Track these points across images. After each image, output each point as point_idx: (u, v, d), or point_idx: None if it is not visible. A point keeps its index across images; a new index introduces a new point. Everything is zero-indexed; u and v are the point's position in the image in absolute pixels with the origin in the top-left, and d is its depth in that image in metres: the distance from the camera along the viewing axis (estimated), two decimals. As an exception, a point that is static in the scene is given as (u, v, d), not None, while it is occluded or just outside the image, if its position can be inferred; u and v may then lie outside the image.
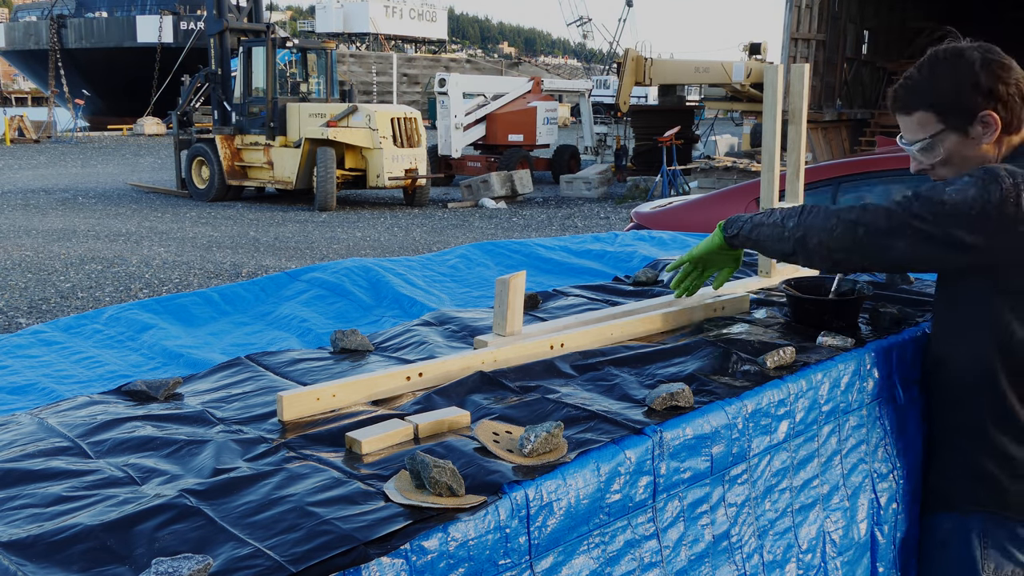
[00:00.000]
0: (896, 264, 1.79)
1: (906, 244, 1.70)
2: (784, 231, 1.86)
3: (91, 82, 42.25)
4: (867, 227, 1.73)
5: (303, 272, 2.67)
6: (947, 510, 1.93)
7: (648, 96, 34.42)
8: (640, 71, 21.20)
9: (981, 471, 1.85)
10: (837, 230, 1.76)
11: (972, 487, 1.87)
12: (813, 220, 1.81)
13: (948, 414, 1.93)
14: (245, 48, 17.10)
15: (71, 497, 1.27)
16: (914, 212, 1.68)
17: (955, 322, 1.85)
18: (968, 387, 1.85)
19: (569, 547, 1.31)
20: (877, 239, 1.72)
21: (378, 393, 1.64)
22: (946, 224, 1.66)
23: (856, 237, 1.74)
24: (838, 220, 1.76)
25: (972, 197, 1.64)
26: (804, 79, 2.37)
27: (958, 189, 1.67)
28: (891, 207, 1.72)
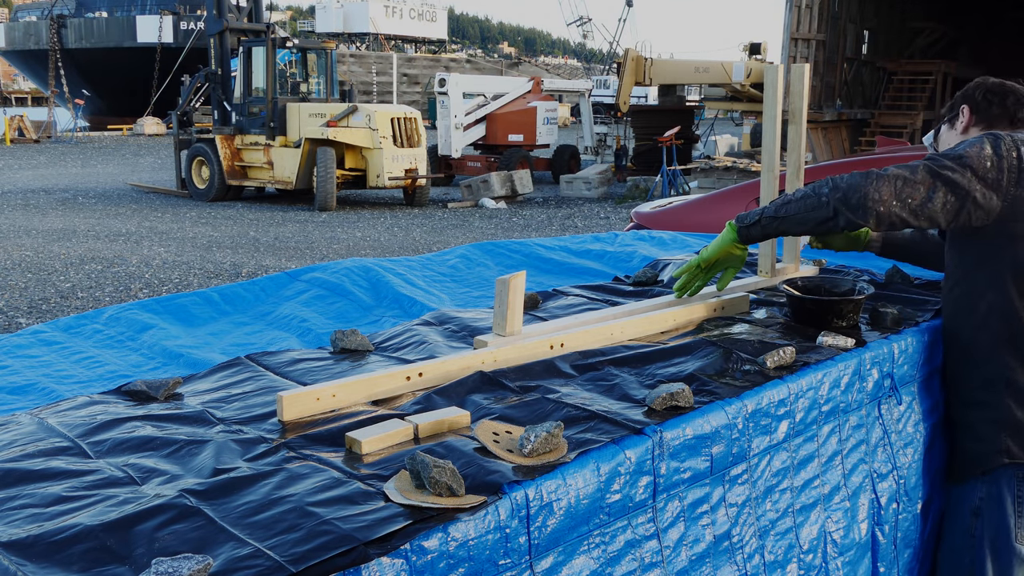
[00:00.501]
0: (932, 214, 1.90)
1: (942, 193, 1.89)
2: (819, 198, 1.97)
3: (91, 82, 42.24)
4: (905, 180, 1.89)
5: (303, 272, 2.67)
6: (980, 473, 2.01)
7: (648, 96, 34.41)
8: (640, 71, 21.19)
9: (1013, 421, 1.97)
10: (879, 183, 1.90)
11: (1004, 440, 1.97)
12: (852, 180, 1.94)
13: (972, 373, 2.04)
14: (245, 48, 17.09)
15: (71, 497, 1.27)
16: (942, 164, 1.90)
17: (980, 278, 2.00)
18: (995, 340, 1.98)
19: (569, 547, 1.31)
20: (915, 189, 1.89)
21: (378, 393, 1.64)
22: (970, 172, 1.89)
23: (896, 189, 1.88)
24: (878, 176, 1.90)
25: (983, 149, 1.90)
26: (804, 79, 2.37)
27: (969, 144, 1.93)
28: (918, 164, 1.92)
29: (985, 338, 2.01)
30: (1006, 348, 1.98)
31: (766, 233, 2.09)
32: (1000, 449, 1.99)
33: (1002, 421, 1.99)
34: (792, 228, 2.05)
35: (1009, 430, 1.98)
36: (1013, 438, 1.98)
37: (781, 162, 2.49)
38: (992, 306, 1.99)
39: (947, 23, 20.84)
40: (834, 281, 2.21)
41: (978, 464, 2.03)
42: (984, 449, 2.02)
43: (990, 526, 1.99)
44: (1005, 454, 1.98)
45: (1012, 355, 1.98)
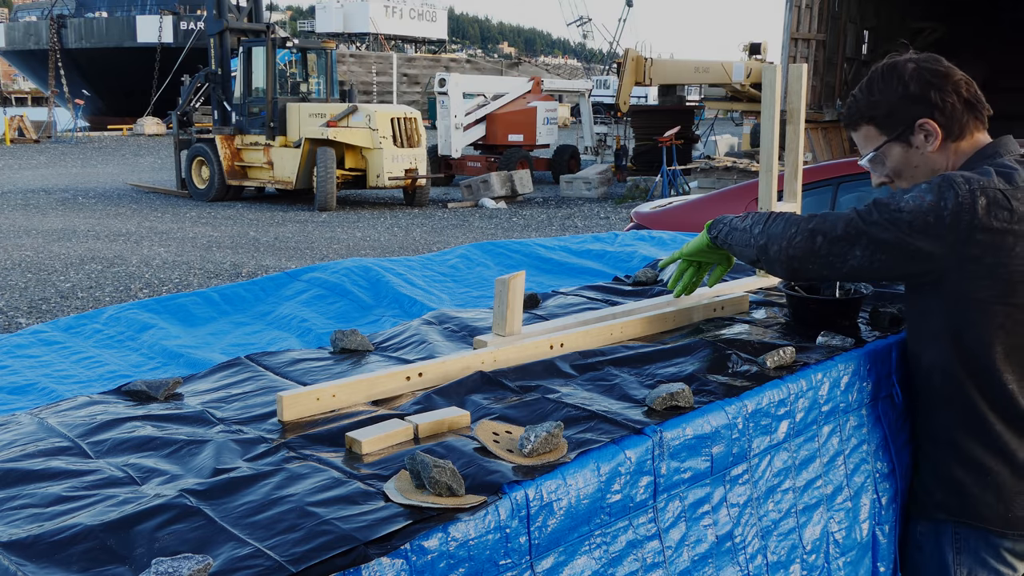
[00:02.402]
0: (854, 273, 1.75)
1: (863, 252, 1.70)
2: (751, 237, 1.87)
3: (91, 82, 42.26)
4: (825, 235, 1.73)
5: (303, 272, 2.67)
6: (922, 516, 1.92)
7: (648, 96, 34.42)
8: (640, 71, 21.19)
9: (951, 479, 1.83)
10: (796, 238, 1.76)
11: (943, 495, 1.86)
12: (775, 228, 1.81)
13: (922, 421, 1.91)
14: (245, 48, 17.10)
15: (71, 497, 1.27)
16: (871, 220, 1.69)
17: (921, 330, 1.84)
18: (937, 394, 1.84)
19: (570, 547, 1.31)
20: (835, 247, 1.72)
21: (378, 393, 1.64)
22: (902, 231, 1.66)
23: (815, 246, 1.74)
24: (797, 228, 1.77)
25: (928, 204, 1.65)
26: (802, 79, 2.37)
27: (914, 196, 1.68)
28: (850, 215, 1.72)
29: (927, 394, 1.87)
30: (947, 407, 1.82)
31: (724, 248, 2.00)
32: (938, 504, 1.87)
33: (941, 476, 1.86)
34: (736, 256, 1.98)
35: (948, 487, 1.85)
36: (952, 495, 1.84)
37: (780, 162, 2.49)
38: (933, 364, 1.82)
39: (947, 23, 20.85)
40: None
41: (921, 510, 1.93)
42: (925, 499, 1.91)
43: (931, 562, 1.90)
44: (943, 510, 1.86)
45: (953, 414, 1.82)
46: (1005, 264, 1.66)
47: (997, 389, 1.75)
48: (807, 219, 1.78)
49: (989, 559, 1.83)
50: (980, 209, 1.63)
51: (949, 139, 1.82)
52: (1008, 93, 21.43)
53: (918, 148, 1.83)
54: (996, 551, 1.82)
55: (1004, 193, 1.66)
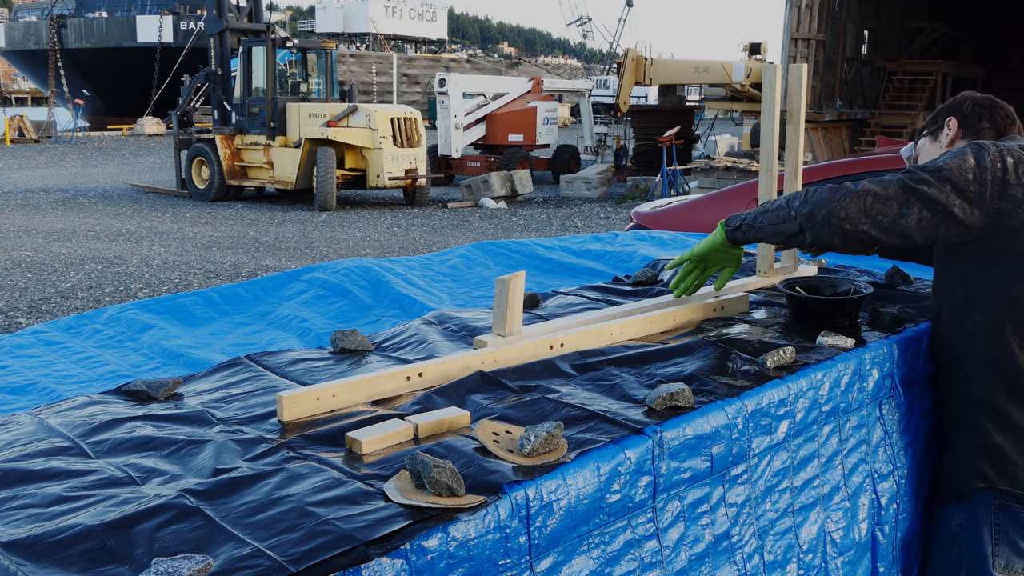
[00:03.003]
0: (904, 232, 1.81)
1: (912, 210, 1.79)
2: (790, 211, 1.90)
3: (91, 82, 42.24)
4: (876, 195, 1.80)
5: (303, 272, 2.67)
6: (958, 499, 1.94)
7: (648, 96, 34.40)
8: (640, 71, 21.18)
9: (991, 446, 1.88)
10: (846, 200, 1.81)
11: (981, 464, 1.90)
12: (819, 195, 1.86)
13: (959, 393, 1.96)
14: (245, 48, 17.09)
15: (71, 497, 1.27)
16: (919, 178, 1.80)
17: (961, 294, 1.91)
18: (979, 359, 1.90)
19: (569, 547, 1.31)
20: (886, 206, 1.79)
21: (378, 393, 1.64)
22: (947, 189, 1.79)
23: (866, 205, 1.79)
24: (846, 192, 1.82)
25: (968, 163, 1.81)
26: (802, 79, 2.37)
27: (951, 156, 1.84)
28: (896, 177, 1.82)
29: (969, 358, 1.93)
30: (989, 370, 1.89)
31: (748, 239, 2.04)
32: (976, 473, 1.90)
33: (980, 444, 1.91)
34: (767, 238, 2.01)
35: (986, 454, 1.89)
36: (990, 463, 1.89)
37: (780, 162, 2.49)
38: (976, 326, 1.90)
39: (947, 23, 20.85)
40: (833, 281, 2.21)
41: (955, 487, 1.96)
42: (961, 472, 1.94)
43: (967, 553, 1.92)
44: (981, 478, 1.90)
45: (995, 377, 1.89)
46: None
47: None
48: (852, 185, 1.83)
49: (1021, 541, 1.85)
50: (1009, 167, 1.81)
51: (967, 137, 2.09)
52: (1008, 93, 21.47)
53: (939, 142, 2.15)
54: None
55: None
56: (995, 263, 1.85)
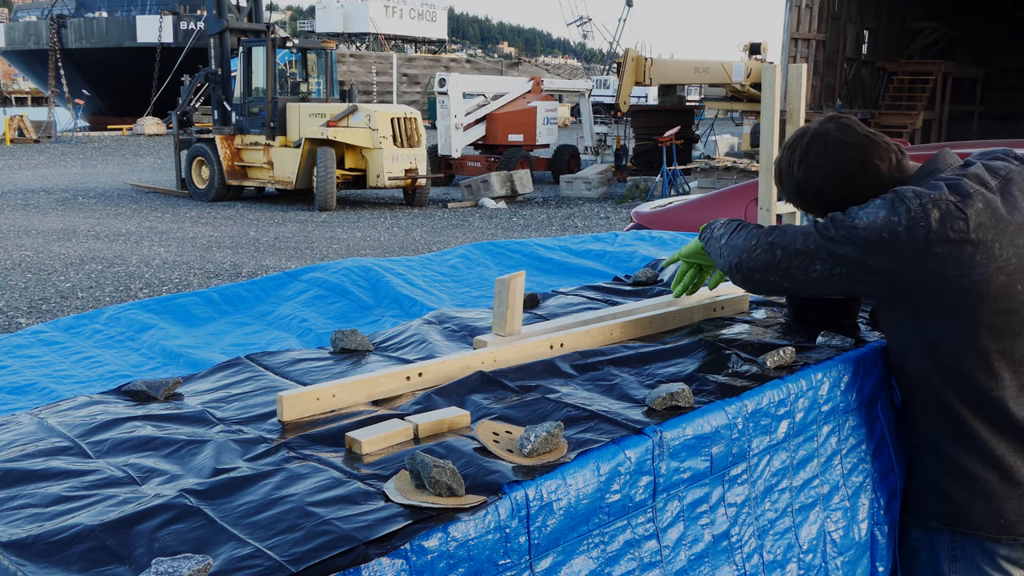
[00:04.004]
0: (816, 286, 1.74)
1: (823, 266, 1.70)
2: (720, 248, 1.87)
3: (91, 82, 42.24)
4: (784, 248, 1.73)
5: (303, 272, 2.67)
6: (916, 524, 1.90)
7: (648, 96, 34.40)
8: (640, 71, 21.18)
9: (941, 489, 1.81)
10: (756, 251, 1.76)
11: (934, 503, 1.84)
12: (737, 239, 1.81)
13: (910, 430, 1.90)
14: (245, 48, 17.09)
15: (71, 497, 1.27)
16: (829, 235, 1.69)
17: (896, 345, 1.84)
18: (920, 406, 1.82)
19: (569, 547, 1.31)
20: (794, 260, 1.72)
21: (378, 393, 1.64)
22: (859, 247, 1.66)
23: (775, 259, 1.74)
24: (758, 241, 1.77)
25: (882, 220, 1.65)
26: (802, 79, 2.38)
27: (868, 212, 1.68)
28: (809, 230, 1.73)
29: (910, 404, 1.87)
30: (930, 418, 1.81)
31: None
32: (929, 512, 1.85)
33: (931, 487, 1.84)
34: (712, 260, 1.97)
35: (938, 497, 1.82)
36: (942, 506, 1.81)
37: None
38: (911, 375, 1.82)
39: (947, 23, 20.86)
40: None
41: (915, 518, 1.90)
42: (917, 505, 1.89)
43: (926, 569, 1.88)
44: (934, 518, 1.84)
45: (937, 423, 1.80)
46: (968, 274, 1.64)
47: (980, 396, 1.72)
48: (768, 231, 1.77)
49: (986, 567, 1.80)
50: (934, 222, 1.62)
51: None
52: (1008, 93, 21.49)
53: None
54: (992, 559, 1.79)
55: (956, 204, 1.64)
56: (921, 319, 1.73)
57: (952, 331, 1.70)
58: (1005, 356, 1.70)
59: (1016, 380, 1.72)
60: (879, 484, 1.91)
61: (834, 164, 1.82)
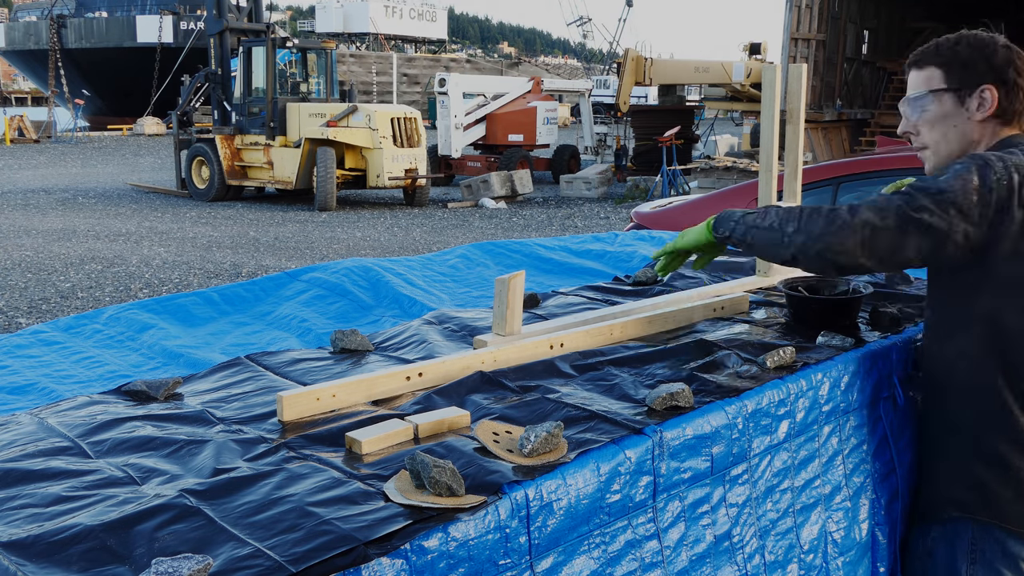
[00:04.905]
0: (903, 262, 1.69)
1: (917, 240, 1.64)
2: (783, 236, 1.75)
3: (91, 82, 42.24)
4: (874, 228, 1.65)
5: (303, 272, 2.67)
6: (936, 520, 1.87)
7: (648, 96, 34.39)
8: (640, 71, 21.18)
9: (971, 476, 1.78)
10: (843, 233, 1.66)
11: (961, 493, 1.81)
12: (814, 224, 1.70)
13: (941, 416, 1.86)
14: (245, 48, 17.09)
15: (71, 497, 1.27)
16: (920, 205, 1.64)
17: (951, 318, 1.80)
18: (962, 386, 1.79)
19: (569, 547, 1.31)
20: (887, 239, 1.65)
21: (378, 393, 1.64)
22: (950, 214, 1.63)
23: (864, 238, 1.65)
24: (842, 224, 1.67)
25: (971, 184, 1.64)
26: (802, 79, 2.37)
27: (954, 175, 1.65)
28: (895, 204, 1.65)
29: (952, 384, 1.81)
30: (972, 399, 1.77)
31: (739, 249, 1.92)
32: (954, 500, 1.82)
33: (960, 473, 1.81)
34: (759, 256, 1.91)
35: (967, 484, 1.79)
36: (971, 493, 1.79)
37: (780, 162, 2.49)
38: (961, 351, 1.77)
39: (947, 23, 20.85)
40: (833, 281, 2.21)
41: (932, 508, 1.88)
42: (938, 496, 1.86)
43: (940, 569, 1.86)
44: (958, 507, 1.81)
45: (979, 408, 1.77)
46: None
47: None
48: (848, 211, 1.68)
49: (1005, 570, 1.77)
50: (1016, 186, 1.64)
51: (997, 118, 1.80)
52: (1008, 93, 21.48)
53: (967, 111, 1.81)
54: (1014, 562, 1.76)
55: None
56: (986, 288, 1.71)
57: (1015, 303, 1.70)
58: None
59: None
60: (880, 485, 1.91)
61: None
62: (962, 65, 1.81)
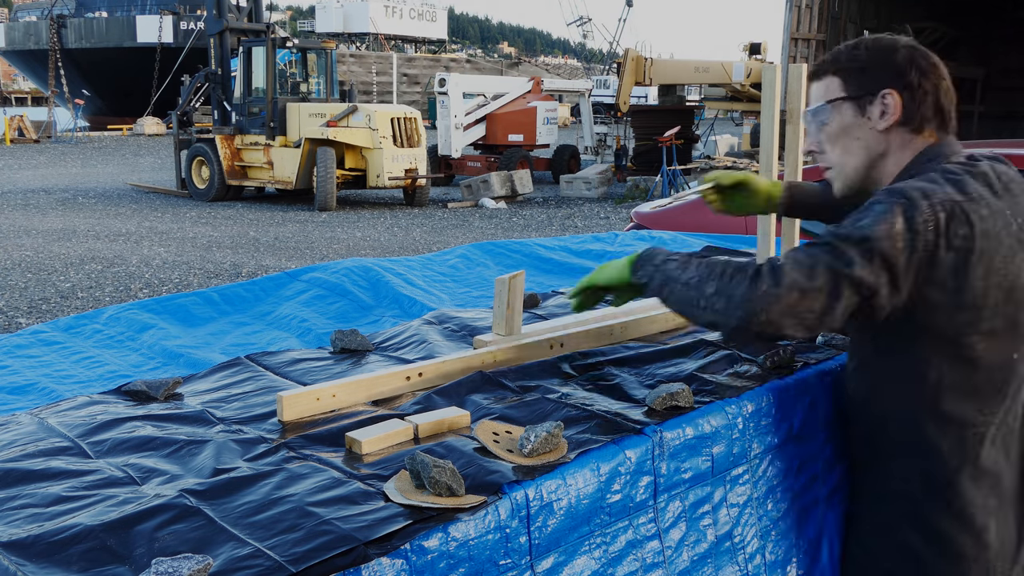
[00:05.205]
0: (831, 326, 1.46)
1: (847, 300, 1.43)
2: (700, 298, 1.51)
3: (91, 82, 42.25)
4: (803, 290, 1.42)
5: (303, 272, 2.67)
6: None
7: (648, 96, 34.41)
8: (640, 71, 21.18)
9: (903, 545, 1.58)
10: (768, 298, 1.42)
11: (893, 564, 1.61)
12: (736, 287, 1.46)
13: (868, 476, 1.65)
14: (245, 48, 17.09)
15: (71, 497, 1.27)
16: (847, 258, 1.42)
17: (874, 373, 1.59)
18: (891, 445, 1.59)
19: (570, 547, 1.31)
20: (815, 300, 1.42)
21: (378, 393, 1.64)
22: (876, 262, 1.42)
23: (790, 304, 1.42)
24: (766, 290, 1.43)
25: (893, 226, 1.43)
26: (802, 79, 2.37)
27: (876, 219, 1.44)
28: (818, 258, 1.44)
29: (880, 446, 1.61)
30: (903, 460, 1.57)
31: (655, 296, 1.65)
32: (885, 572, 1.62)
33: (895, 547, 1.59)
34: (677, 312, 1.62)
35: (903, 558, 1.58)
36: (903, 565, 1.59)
37: (780, 162, 2.49)
38: (890, 410, 1.58)
39: (947, 23, 20.86)
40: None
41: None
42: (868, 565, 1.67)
43: None
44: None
45: (909, 468, 1.56)
46: (969, 288, 1.46)
47: (963, 436, 1.52)
48: (770, 272, 1.44)
49: None
50: (942, 227, 1.44)
51: (904, 125, 1.61)
52: (1008, 93, 21.50)
53: (869, 120, 1.62)
54: None
55: (962, 207, 1.46)
56: (913, 342, 1.51)
57: (946, 355, 1.50)
58: (993, 386, 1.52)
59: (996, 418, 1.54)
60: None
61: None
62: (860, 70, 1.63)
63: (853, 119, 1.64)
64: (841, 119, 1.65)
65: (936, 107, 1.61)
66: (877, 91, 1.61)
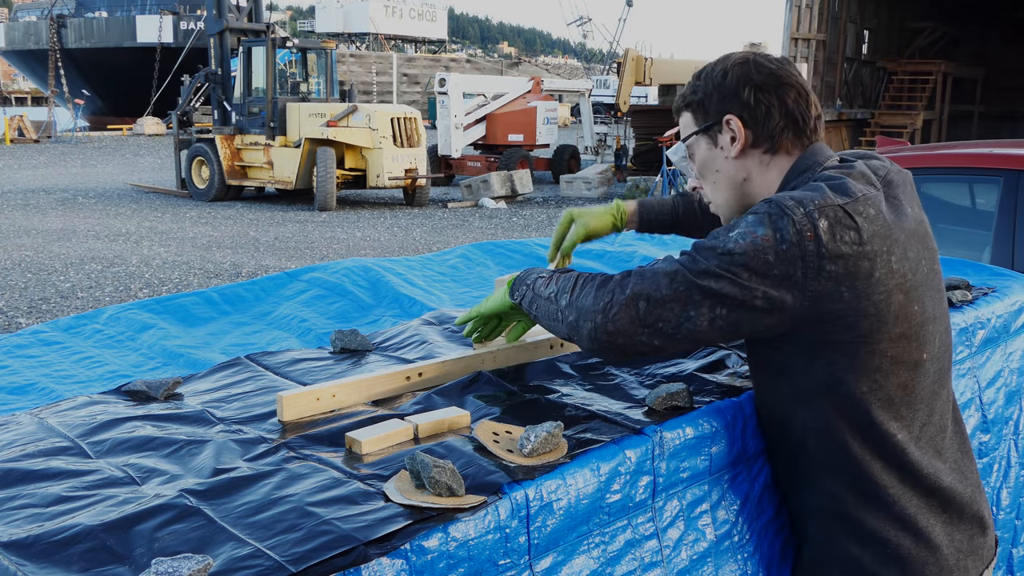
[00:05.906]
0: (694, 337, 1.41)
1: (707, 308, 1.37)
2: (558, 310, 1.49)
3: (91, 82, 42.27)
4: (649, 299, 1.38)
5: (303, 272, 2.67)
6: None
7: (648, 96, 34.42)
8: (640, 71, 21.20)
9: (845, 557, 1.51)
10: (613, 309, 1.40)
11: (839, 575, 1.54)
12: (585, 300, 1.44)
13: (799, 495, 1.58)
14: (245, 48, 17.11)
15: (71, 497, 1.27)
16: (700, 269, 1.37)
17: (780, 393, 1.52)
18: (815, 462, 1.51)
19: (569, 547, 1.31)
20: (666, 312, 1.38)
21: (378, 393, 1.64)
22: (740, 278, 1.36)
23: (639, 314, 1.39)
24: (612, 298, 1.40)
25: (762, 239, 1.36)
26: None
27: (743, 233, 1.38)
28: (673, 269, 1.40)
29: (803, 464, 1.53)
30: (829, 476, 1.50)
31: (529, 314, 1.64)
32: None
33: (833, 556, 1.53)
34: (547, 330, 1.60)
35: (843, 567, 1.52)
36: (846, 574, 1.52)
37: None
38: (805, 429, 1.49)
39: (947, 23, 20.87)
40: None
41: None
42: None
43: None
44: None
45: (838, 483, 1.50)
46: (867, 295, 1.39)
47: (886, 444, 1.47)
48: (620, 281, 1.42)
49: None
50: (823, 235, 1.35)
51: (755, 148, 1.55)
52: (1008, 93, 21.52)
53: (722, 150, 1.57)
54: None
55: (845, 208, 1.38)
56: (819, 356, 1.44)
57: (853, 366, 1.43)
58: (906, 391, 1.47)
59: (917, 422, 1.49)
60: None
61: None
62: (701, 102, 1.58)
63: (708, 152, 1.60)
64: (700, 154, 1.61)
65: (787, 117, 1.53)
66: (720, 119, 1.56)
